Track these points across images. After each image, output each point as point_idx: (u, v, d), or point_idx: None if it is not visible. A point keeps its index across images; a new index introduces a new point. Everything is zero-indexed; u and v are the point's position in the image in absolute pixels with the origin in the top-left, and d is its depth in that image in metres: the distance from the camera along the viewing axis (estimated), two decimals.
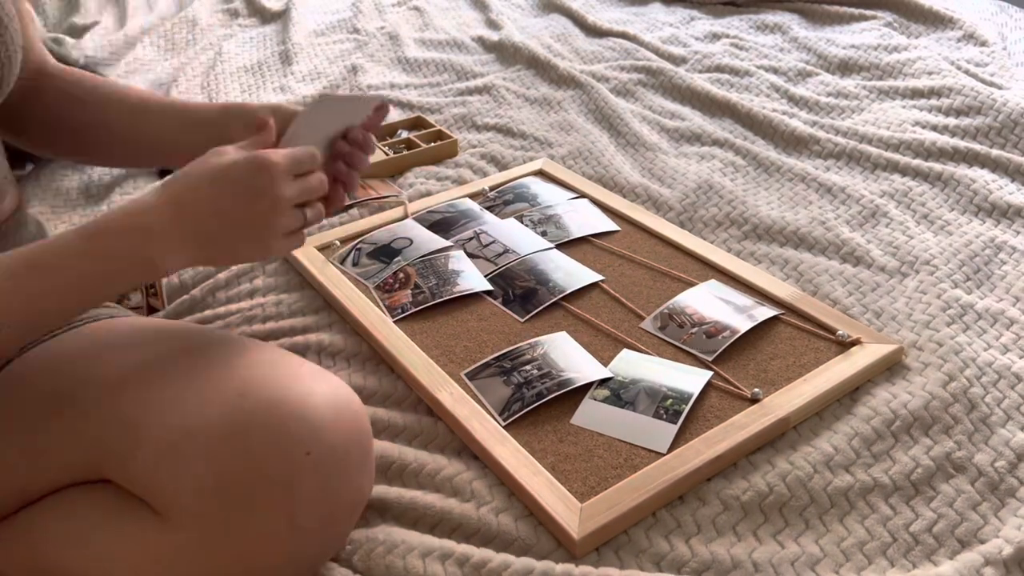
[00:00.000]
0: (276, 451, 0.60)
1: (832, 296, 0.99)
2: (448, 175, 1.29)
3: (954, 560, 0.69)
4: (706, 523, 0.72)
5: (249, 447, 0.60)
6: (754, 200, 1.19)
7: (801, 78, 1.56)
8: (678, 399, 0.82)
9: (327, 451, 0.62)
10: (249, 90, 1.63)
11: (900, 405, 0.82)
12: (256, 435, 0.60)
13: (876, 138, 1.32)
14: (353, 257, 1.08)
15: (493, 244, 1.09)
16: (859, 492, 0.75)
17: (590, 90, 1.54)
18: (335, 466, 0.63)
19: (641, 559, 0.70)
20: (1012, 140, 1.29)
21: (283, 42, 1.84)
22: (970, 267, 1.04)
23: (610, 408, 0.83)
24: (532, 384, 0.85)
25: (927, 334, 0.92)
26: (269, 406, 0.62)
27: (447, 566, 0.68)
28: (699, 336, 0.91)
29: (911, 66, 1.53)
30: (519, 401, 0.84)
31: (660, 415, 0.81)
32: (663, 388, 0.84)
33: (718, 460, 0.76)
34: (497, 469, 0.77)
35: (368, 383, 0.89)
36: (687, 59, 1.67)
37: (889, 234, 1.10)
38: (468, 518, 0.73)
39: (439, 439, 0.82)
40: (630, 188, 1.23)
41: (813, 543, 0.71)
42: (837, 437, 0.80)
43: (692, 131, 1.39)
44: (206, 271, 1.09)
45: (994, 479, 0.76)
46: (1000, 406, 0.83)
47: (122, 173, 1.33)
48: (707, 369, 0.86)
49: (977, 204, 1.16)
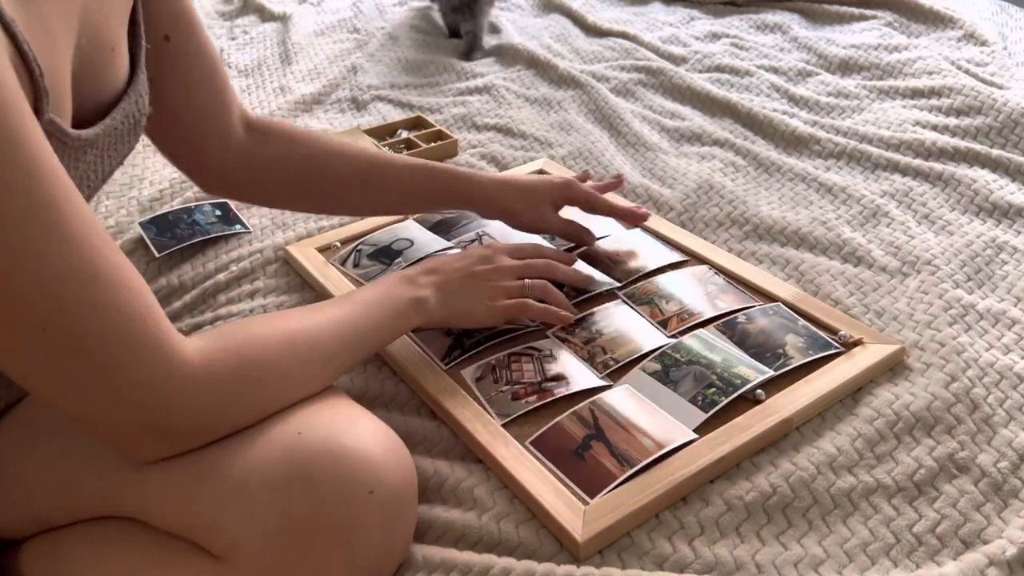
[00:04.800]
0: (339, 490, 0.60)
1: (833, 296, 0.99)
2: None
3: (958, 561, 0.69)
4: (709, 524, 0.72)
5: (312, 486, 0.59)
6: (755, 200, 1.19)
7: (801, 78, 1.56)
8: (721, 390, 0.82)
9: (388, 490, 0.62)
10: (249, 90, 1.63)
11: (903, 406, 0.82)
12: (319, 474, 0.60)
13: (876, 138, 1.32)
14: (354, 258, 1.08)
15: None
16: (862, 493, 0.75)
17: (590, 90, 1.54)
18: (393, 505, 0.63)
19: (644, 561, 0.69)
20: (1012, 140, 1.29)
21: (283, 42, 1.84)
22: (971, 267, 1.04)
23: (653, 382, 0.84)
24: (470, 334, 0.91)
25: (929, 334, 0.91)
26: (329, 445, 0.61)
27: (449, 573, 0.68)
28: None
29: (911, 66, 1.53)
30: (459, 348, 0.90)
31: (696, 401, 0.81)
32: (713, 375, 0.84)
33: (721, 461, 0.76)
34: (499, 471, 0.77)
35: (370, 386, 0.88)
36: (687, 59, 1.67)
37: (890, 234, 1.10)
38: (470, 526, 0.72)
39: (443, 443, 0.82)
40: (631, 188, 1.23)
41: (816, 544, 0.71)
42: (840, 438, 0.79)
43: (692, 131, 1.39)
44: (204, 271, 1.09)
45: (997, 480, 0.76)
46: (1003, 406, 0.83)
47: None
48: (770, 369, 0.85)
49: (978, 204, 1.16)
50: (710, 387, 0.83)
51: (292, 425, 0.63)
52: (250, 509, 0.59)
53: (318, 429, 0.63)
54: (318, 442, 0.61)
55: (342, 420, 0.65)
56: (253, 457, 0.61)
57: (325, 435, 0.62)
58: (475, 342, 0.91)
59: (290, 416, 0.64)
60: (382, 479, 0.62)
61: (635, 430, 0.79)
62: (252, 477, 0.60)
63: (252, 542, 0.59)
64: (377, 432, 0.66)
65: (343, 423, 0.64)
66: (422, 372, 0.87)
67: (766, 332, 0.91)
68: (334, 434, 0.62)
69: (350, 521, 0.60)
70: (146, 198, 1.25)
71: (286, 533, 0.59)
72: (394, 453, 0.65)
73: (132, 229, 1.17)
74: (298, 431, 0.62)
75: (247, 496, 0.59)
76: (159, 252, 1.11)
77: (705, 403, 0.81)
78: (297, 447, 0.61)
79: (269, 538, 0.59)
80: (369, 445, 0.63)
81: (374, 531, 0.62)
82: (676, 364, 0.86)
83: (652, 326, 0.93)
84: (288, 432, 0.62)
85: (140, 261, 1.11)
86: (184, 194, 1.26)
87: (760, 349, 0.88)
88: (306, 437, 0.62)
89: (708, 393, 0.82)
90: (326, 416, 0.65)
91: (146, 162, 1.37)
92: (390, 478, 0.63)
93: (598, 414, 0.81)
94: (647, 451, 0.76)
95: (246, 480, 0.60)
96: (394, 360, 0.90)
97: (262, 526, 0.59)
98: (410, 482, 0.66)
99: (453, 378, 0.86)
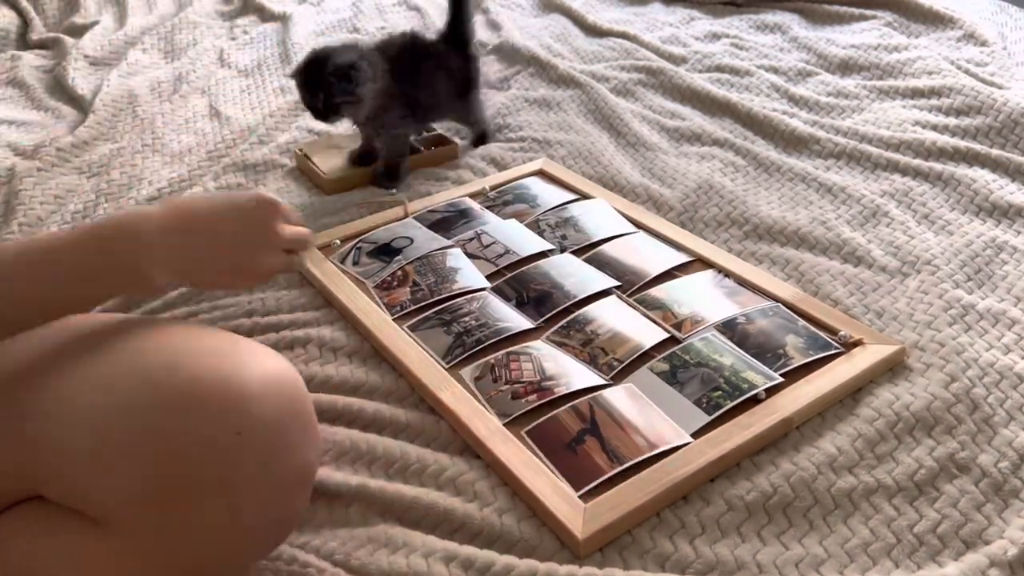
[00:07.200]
0: (199, 438, 0.55)
1: (833, 296, 0.99)
2: (448, 175, 1.29)
3: (958, 561, 0.69)
4: (710, 523, 0.72)
5: (167, 440, 0.55)
6: (754, 200, 1.19)
7: (801, 78, 1.56)
8: (727, 394, 0.82)
9: (261, 429, 0.57)
10: (249, 90, 1.63)
11: (903, 407, 0.82)
12: (172, 423, 0.55)
13: (876, 138, 1.32)
14: (353, 256, 1.08)
15: (494, 245, 1.08)
16: (863, 493, 0.75)
17: (590, 90, 1.53)
18: (272, 445, 0.58)
19: (645, 560, 0.69)
20: (1012, 140, 1.29)
21: (283, 42, 1.84)
22: (971, 267, 1.04)
23: (659, 382, 0.84)
24: (471, 332, 0.91)
25: (929, 334, 0.91)
26: (179, 388, 0.56)
27: (451, 568, 0.68)
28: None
29: (911, 66, 1.53)
30: (460, 347, 0.89)
31: (701, 403, 0.81)
32: (721, 379, 0.84)
33: (722, 460, 0.76)
34: (499, 469, 0.77)
35: (370, 379, 0.88)
36: (687, 59, 1.67)
37: (890, 234, 1.10)
38: (471, 518, 0.72)
39: (442, 438, 0.82)
40: (630, 188, 1.23)
41: (817, 544, 0.71)
42: (840, 438, 0.79)
43: (692, 131, 1.39)
44: None
45: (998, 480, 0.76)
46: (1003, 407, 0.83)
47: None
48: (777, 375, 0.84)
49: (978, 204, 1.16)
50: (716, 390, 0.82)
51: (149, 371, 0.58)
52: (107, 476, 0.56)
53: (178, 373, 0.57)
54: (165, 385, 0.56)
55: (207, 357, 0.59)
56: (108, 415, 0.57)
57: (173, 377, 0.57)
58: (475, 340, 0.91)
59: (146, 359, 0.59)
60: (251, 417, 0.56)
61: (630, 428, 0.79)
62: (102, 443, 0.56)
63: (121, 509, 0.56)
64: (248, 364, 0.59)
65: (202, 358, 0.58)
66: (422, 369, 0.87)
67: (766, 333, 0.90)
68: (186, 373, 0.57)
69: (220, 469, 0.55)
70: (145, 198, 1.25)
71: (154, 494, 0.55)
72: (267, 388, 0.59)
73: None
74: (156, 382, 0.57)
75: (101, 463, 0.56)
76: None
77: (709, 406, 0.81)
78: (143, 397, 0.56)
79: (137, 502, 0.56)
80: (231, 379, 0.57)
81: (252, 474, 0.57)
82: (685, 366, 0.86)
83: (664, 329, 0.92)
84: (133, 380, 0.58)
85: None
86: (183, 194, 1.26)
87: (760, 350, 0.88)
88: (163, 387, 0.56)
89: (714, 396, 0.82)
90: (175, 352, 0.59)
91: (145, 162, 1.36)
92: (263, 414, 0.57)
93: (596, 409, 0.81)
94: (639, 450, 0.76)
95: (98, 448, 0.56)
96: (393, 356, 0.90)
97: (126, 491, 0.56)
98: (294, 416, 0.60)
99: (453, 376, 0.86)
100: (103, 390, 0.59)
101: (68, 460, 0.59)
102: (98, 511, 0.58)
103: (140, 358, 0.61)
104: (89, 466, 0.57)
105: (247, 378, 0.58)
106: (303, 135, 1.43)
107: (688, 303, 0.96)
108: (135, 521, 0.57)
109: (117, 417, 0.57)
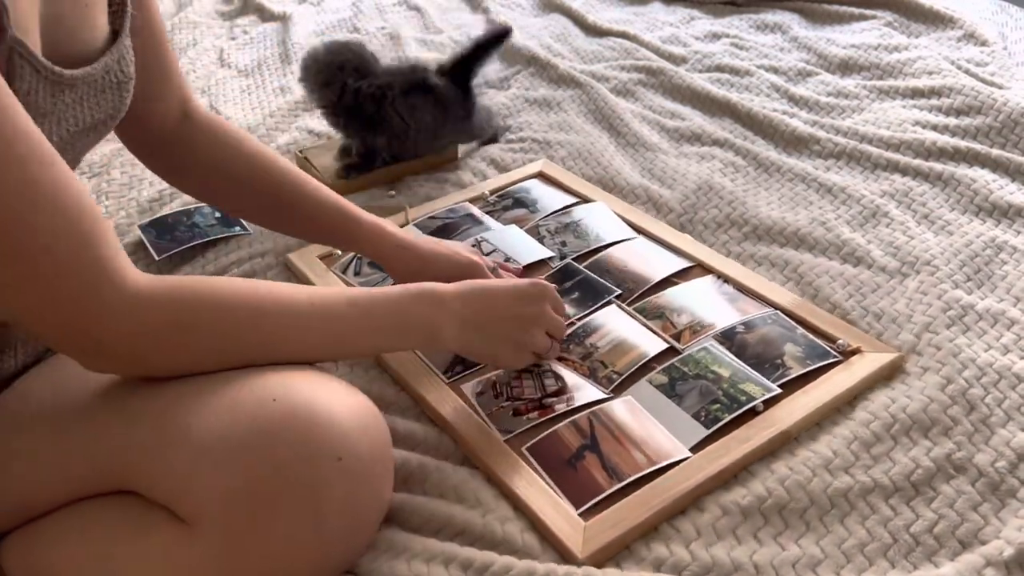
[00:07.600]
0: (305, 454, 0.60)
1: (832, 298, 0.99)
2: (447, 178, 1.29)
3: (955, 561, 0.69)
4: (706, 528, 0.72)
5: (275, 449, 0.60)
6: (754, 200, 1.19)
7: (801, 78, 1.56)
8: (726, 407, 0.81)
9: (357, 459, 0.62)
10: (249, 90, 1.63)
11: (899, 409, 0.82)
12: (284, 437, 0.60)
13: (876, 138, 1.32)
14: (355, 266, 1.08)
15: (494, 252, 1.08)
16: (859, 493, 0.75)
17: (590, 90, 1.53)
18: (362, 474, 0.63)
19: (642, 567, 0.70)
20: (1012, 140, 1.29)
21: (283, 42, 1.84)
22: (971, 267, 1.04)
23: (657, 395, 0.84)
24: None
25: (927, 336, 0.91)
26: (298, 411, 0.62)
27: (451, 570, 0.68)
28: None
29: (911, 66, 1.53)
30: (461, 363, 0.90)
31: (699, 416, 0.81)
32: (719, 391, 0.83)
33: (720, 474, 0.76)
34: (501, 486, 0.77)
35: (372, 389, 0.88)
36: (687, 59, 1.67)
37: (889, 234, 1.10)
38: (472, 524, 0.73)
39: (443, 448, 0.82)
40: (630, 189, 1.23)
41: (814, 544, 0.71)
42: (836, 441, 0.79)
43: (692, 131, 1.39)
44: (204, 273, 1.09)
45: (995, 480, 0.76)
46: (1001, 407, 0.83)
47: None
48: (775, 385, 0.84)
49: (978, 204, 1.16)
50: (715, 403, 0.82)
51: (266, 391, 0.63)
52: (213, 472, 0.60)
53: (292, 395, 0.63)
54: (288, 406, 0.62)
55: (317, 387, 0.65)
56: (221, 420, 0.61)
57: (296, 400, 0.62)
58: None
59: (265, 381, 0.64)
60: (352, 447, 0.62)
61: (629, 443, 0.78)
62: (218, 440, 0.60)
63: (215, 506, 0.59)
64: (351, 400, 0.66)
65: (318, 390, 0.64)
66: (423, 384, 0.87)
67: (765, 342, 0.90)
68: (306, 400, 0.62)
69: (315, 486, 0.60)
70: (145, 199, 1.25)
71: (250, 497, 0.59)
72: (367, 423, 0.65)
73: (132, 232, 1.18)
74: (273, 397, 0.62)
75: (211, 458, 0.60)
76: (158, 255, 1.11)
77: (708, 419, 0.80)
78: (266, 411, 0.61)
79: (232, 501, 0.59)
80: (341, 412, 0.63)
81: (341, 498, 0.62)
82: (683, 378, 0.85)
83: (663, 340, 0.91)
84: (260, 397, 0.63)
85: (140, 264, 1.11)
86: (184, 195, 1.26)
87: (759, 360, 0.88)
88: (278, 402, 0.62)
89: (712, 409, 0.81)
90: (300, 382, 0.65)
91: None
92: (360, 447, 0.63)
93: (595, 424, 0.81)
94: (638, 466, 0.76)
95: (212, 444, 0.60)
96: (394, 370, 0.90)
97: (225, 489, 0.59)
98: (382, 453, 0.66)
99: (454, 391, 0.86)
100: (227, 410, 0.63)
101: (186, 453, 0.61)
102: (192, 507, 0.61)
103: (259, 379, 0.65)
104: (205, 461, 0.60)
105: (348, 413, 0.64)
106: (303, 136, 1.43)
107: (687, 311, 0.95)
108: (228, 522, 0.60)
109: (236, 421, 0.61)
